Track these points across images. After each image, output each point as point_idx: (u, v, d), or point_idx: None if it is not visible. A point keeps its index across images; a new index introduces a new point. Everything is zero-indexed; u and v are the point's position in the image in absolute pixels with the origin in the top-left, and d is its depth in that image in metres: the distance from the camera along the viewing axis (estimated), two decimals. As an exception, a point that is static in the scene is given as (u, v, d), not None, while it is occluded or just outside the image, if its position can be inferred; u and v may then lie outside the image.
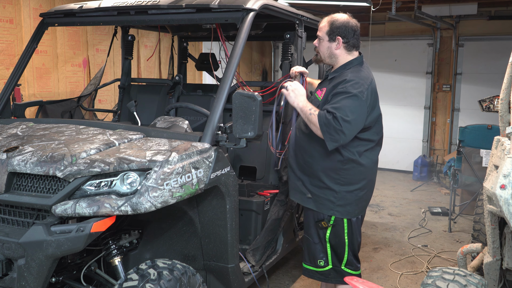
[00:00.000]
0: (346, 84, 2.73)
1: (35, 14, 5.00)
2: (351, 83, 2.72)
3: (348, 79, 2.75)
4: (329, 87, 2.84)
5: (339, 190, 2.85)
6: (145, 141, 2.61)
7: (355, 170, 2.85)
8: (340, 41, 2.85)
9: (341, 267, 2.95)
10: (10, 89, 3.39)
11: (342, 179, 2.84)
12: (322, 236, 2.93)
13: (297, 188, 3.01)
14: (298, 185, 2.99)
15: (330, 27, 2.86)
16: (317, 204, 2.90)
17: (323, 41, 2.90)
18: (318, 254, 2.96)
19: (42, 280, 2.25)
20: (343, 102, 2.67)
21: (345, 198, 2.86)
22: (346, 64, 2.88)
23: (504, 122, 2.83)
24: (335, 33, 2.85)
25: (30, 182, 2.42)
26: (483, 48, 8.26)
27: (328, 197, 2.86)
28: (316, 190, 2.90)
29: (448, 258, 4.73)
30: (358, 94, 2.69)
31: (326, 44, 2.89)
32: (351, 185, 2.86)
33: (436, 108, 8.80)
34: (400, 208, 6.53)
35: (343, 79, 2.77)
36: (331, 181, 2.85)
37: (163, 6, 3.07)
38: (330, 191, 2.85)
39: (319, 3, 6.82)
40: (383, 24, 8.90)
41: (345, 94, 2.68)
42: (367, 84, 2.77)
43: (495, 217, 2.70)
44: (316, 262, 2.98)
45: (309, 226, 3.00)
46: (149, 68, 6.84)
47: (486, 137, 5.30)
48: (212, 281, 3.00)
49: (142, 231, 2.88)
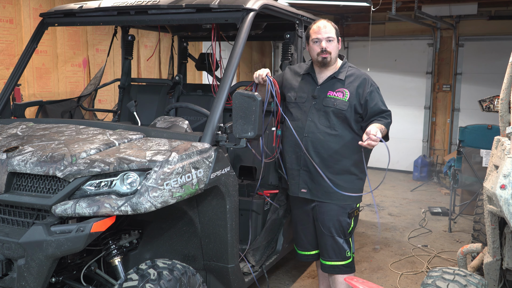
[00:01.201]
0: (369, 80, 3.08)
1: (35, 14, 5.00)
2: (370, 79, 3.10)
3: (363, 76, 3.09)
4: (350, 87, 3.05)
5: (363, 177, 3.16)
6: (145, 141, 2.61)
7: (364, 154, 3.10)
8: (340, 41, 3.15)
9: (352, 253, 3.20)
10: (10, 89, 3.39)
11: (362, 166, 3.10)
12: (347, 227, 3.11)
13: (327, 189, 3.06)
14: (328, 187, 3.03)
15: (336, 29, 3.10)
16: (352, 197, 3.08)
17: (334, 41, 3.07)
18: (345, 247, 3.13)
19: (42, 280, 2.25)
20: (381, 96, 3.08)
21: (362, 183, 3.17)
22: (344, 64, 3.15)
23: (504, 122, 2.83)
24: (338, 34, 3.11)
25: (30, 182, 2.42)
26: (483, 48, 8.26)
27: (360, 186, 3.14)
28: (349, 185, 3.08)
29: (448, 258, 4.73)
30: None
31: (336, 44, 3.09)
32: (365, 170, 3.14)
33: (436, 108, 8.80)
34: (400, 208, 6.53)
35: (361, 77, 3.08)
36: (360, 171, 3.11)
37: (163, 6, 3.07)
38: (361, 181, 3.14)
39: (319, 3, 6.82)
40: (383, 24, 8.90)
41: (379, 90, 3.09)
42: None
43: (495, 217, 2.70)
44: (344, 254, 3.13)
45: (334, 223, 3.10)
46: (149, 68, 6.84)
47: (486, 137, 5.29)
48: (212, 281, 3.00)
49: (142, 231, 2.88)
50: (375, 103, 3.01)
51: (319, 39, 3.02)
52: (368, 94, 3.01)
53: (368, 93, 3.02)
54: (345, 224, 3.09)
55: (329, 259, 3.15)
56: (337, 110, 3.00)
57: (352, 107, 3.01)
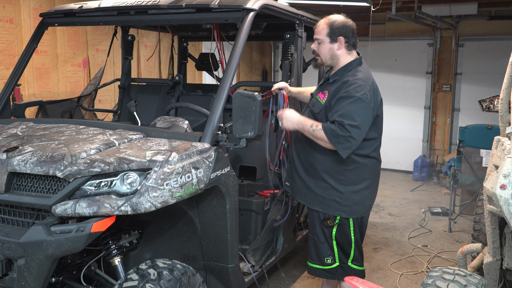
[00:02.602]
0: (349, 88, 2.73)
1: (35, 14, 5.00)
2: (353, 86, 2.72)
3: (350, 82, 2.75)
4: (331, 90, 2.84)
5: (344, 191, 2.85)
6: (145, 141, 2.61)
7: (359, 170, 2.86)
8: (342, 41, 2.85)
9: (347, 263, 2.98)
10: (10, 89, 3.39)
11: (347, 179, 2.85)
12: (328, 235, 2.94)
13: (301, 189, 3.01)
14: (302, 187, 3.00)
15: (330, 28, 2.85)
16: (323, 205, 2.90)
17: (323, 43, 2.87)
18: (325, 253, 2.97)
19: (42, 280, 2.25)
20: (348, 107, 2.67)
21: (351, 198, 2.87)
22: (346, 66, 2.88)
23: (504, 122, 2.83)
24: (336, 33, 2.84)
25: (30, 182, 2.42)
26: (483, 48, 8.26)
27: (334, 197, 2.86)
28: (321, 191, 2.90)
29: (448, 258, 4.73)
30: (362, 97, 2.69)
31: (327, 46, 2.87)
32: (356, 185, 2.87)
33: (436, 108, 8.80)
34: (400, 208, 6.53)
35: (345, 82, 2.77)
36: (336, 182, 2.85)
37: (163, 6, 3.07)
38: (335, 191, 2.86)
39: (319, 3, 6.82)
40: (383, 24, 8.90)
41: (349, 99, 2.69)
42: (369, 85, 2.77)
43: (495, 217, 2.70)
44: (323, 260, 2.99)
45: (314, 226, 3.00)
46: (149, 68, 6.84)
47: (486, 137, 5.30)
48: (212, 281, 3.00)
49: (142, 231, 2.88)
50: (335, 110, 2.71)
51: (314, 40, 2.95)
52: (336, 100, 2.74)
53: (337, 98, 2.73)
54: (323, 230, 2.95)
55: (311, 261, 3.05)
56: (312, 111, 2.92)
57: (324, 111, 2.81)
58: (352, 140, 2.67)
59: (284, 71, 3.72)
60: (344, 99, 2.70)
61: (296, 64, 3.64)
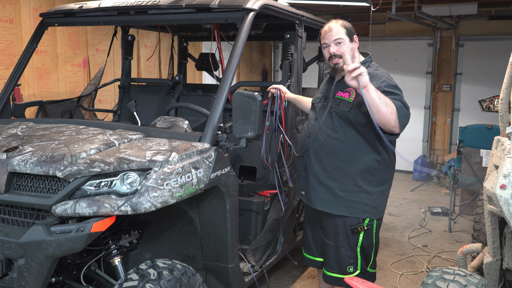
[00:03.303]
0: (382, 77, 2.76)
1: (35, 14, 5.00)
2: (385, 77, 2.78)
3: (378, 75, 2.79)
4: None
5: (373, 192, 2.83)
6: (145, 141, 2.61)
7: (387, 169, 2.87)
8: (357, 40, 2.90)
9: (367, 269, 2.95)
10: (10, 89, 3.39)
11: (376, 180, 2.83)
12: (354, 242, 2.87)
13: (323, 196, 2.88)
14: (325, 194, 2.87)
15: (345, 28, 2.84)
16: (351, 209, 2.83)
17: (344, 43, 2.81)
18: (348, 261, 2.90)
19: (42, 280, 2.25)
20: (397, 92, 2.70)
21: (378, 199, 2.86)
22: (363, 63, 2.87)
23: (504, 122, 2.83)
24: (352, 33, 2.86)
25: (30, 182, 2.42)
26: (483, 48, 8.26)
27: (363, 200, 2.82)
28: (348, 195, 2.82)
29: (448, 258, 4.73)
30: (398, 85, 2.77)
31: (348, 45, 2.84)
32: (382, 185, 2.87)
33: (436, 108, 8.80)
34: (400, 208, 6.53)
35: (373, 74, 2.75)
36: (366, 183, 2.81)
37: (163, 6, 3.07)
38: (364, 194, 2.81)
39: (319, 3, 6.81)
40: (383, 24, 8.90)
41: (393, 87, 2.71)
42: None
43: (495, 217, 2.70)
44: (345, 269, 2.91)
45: (338, 233, 2.89)
46: (149, 68, 6.84)
47: (486, 137, 5.29)
48: (212, 281, 3.00)
49: (142, 231, 2.88)
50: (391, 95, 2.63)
51: (326, 44, 2.85)
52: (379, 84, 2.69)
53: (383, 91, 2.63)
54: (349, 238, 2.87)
55: (328, 269, 2.97)
56: (339, 111, 2.80)
57: (357, 107, 2.73)
58: (407, 120, 2.69)
59: (284, 71, 3.72)
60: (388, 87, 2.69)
61: (296, 64, 3.64)
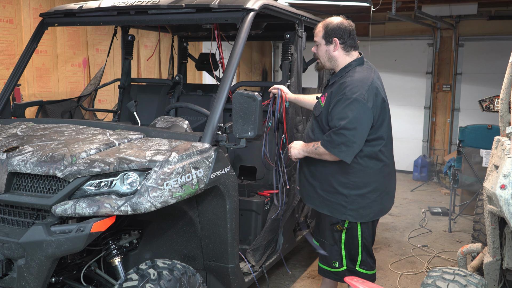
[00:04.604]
0: (345, 90, 2.72)
1: (35, 14, 5.00)
2: (349, 88, 2.72)
3: (347, 83, 2.75)
4: (329, 92, 2.85)
5: (349, 194, 2.85)
6: (145, 141, 2.61)
7: (362, 172, 2.84)
8: (337, 43, 2.88)
9: (355, 268, 2.99)
10: (10, 89, 3.39)
11: (350, 183, 2.85)
12: (337, 239, 2.98)
13: (310, 194, 3.04)
14: (310, 191, 3.03)
15: (325, 30, 2.90)
16: (330, 209, 2.92)
17: (320, 45, 2.94)
18: (333, 256, 3.01)
19: (42, 280, 2.25)
20: (345, 110, 2.67)
21: (357, 202, 2.86)
22: (345, 67, 2.89)
23: (504, 122, 2.83)
24: (331, 35, 2.88)
25: (30, 182, 2.42)
26: (483, 48, 8.26)
27: (339, 201, 2.88)
28: (327, 195, 2.92)
29: (448, 258, 4.73)
30: (358, 97, 2.68)
31: (324, 48, 2.92)
32: (360, 189, 2.85)
33: (436, 108, 8.80)
34: (400, 208, 6.53)
35: (342, 84, 2.78)
36: (340, 185, 2.87)
37: (163, 6, 3.07)
38: (340, 195, 2.87)
39: (319, 3, 6.81)
40: (383, 24, 8.90)
41: (345, 101, 2.69)
42: (367, 85, 2.74)
43: (495, 217, 2.70)
44: (330, 263, 3.03)
45: (324, 229, 3.04)
46: (149, 68, 6.84)
47: (486, 137, 5.30)
48: (212, 281, 3.00)
49: (142, 231, 2.88)
50: (332, 115, 2.73)
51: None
52: (334, 104, 2.74)
53: (335, 102, 2.74)
54: (332, 234, 2.99)
55: (320, 261, 3.13)
56: (314, 115, 2.98)
57: (324, 113, 2.83)
58: (352, 144, 2.67)
59: (284, 71, 3.72)
60: (340, 101, 2.71)
61: (296, 64, 3.64)
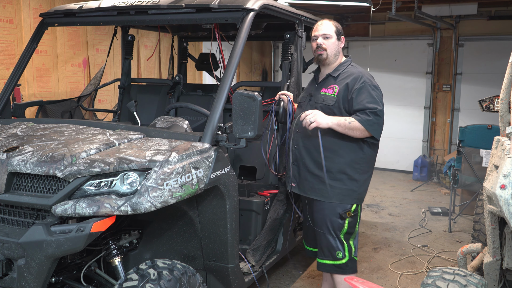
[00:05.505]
0: (363, 78, 2.99)
1: (35, 14, 5.00)
2: (366, 77, 3.01)
3: (360, 74, 3.02)
4: (342, 83, 3.03)
5: (359, 179, 3.06)
6: (145, 141, 2.61)
7: (370, 157, 3.09)
8: (343, 41, 3.18)
9: (352, 256, 3.12)
10: (10, 89, 3.39)
11: (361, 168, 3.06)
12: (339, 228, 3.07)
13: (314, 185, 3.09)
14: (315, 183, 3.08)
15: (336, 27, 3.13)
16: (340, 196, 3.04)
17: (331, 38, 3.09)
18: (337, 247, 3.09)
19: (42, 280, 2.25)
20: (372, 94, 2.94)
21: (363, 185, 3.10)
22: (343, 63, 3.16)
23: (504, 122, 2.83)
24: (340, 33, 3.15)
25: (30, 182, 2.42)
26: (483, 48, 8.25)
27: (351, 187, 3.04)
28: (338, 184, 3.03)
29: (448, 258, 4.73)
30: (377, 85, 3.02)
31: (335, 42, 3.11)
32: (366, 173, 3.10)
33: (436, 108, 8.80)
34: (400, 208, 6.53)
35: (355, 74, 3.02)
36: (354, 172, 3.04)
37: (163, 6, 3.07)
38: (353, 181, 3.04)
39: (319, 3, 6.81)
40: (383, 24, 8.89)
41: (370, 87, 2.96)
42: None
43: (495, 217, 2.70)
44: (334, 255, 3.10)
45: (325, 221, 3.09)
46: (149, 68, 6.84)
47: (486, 137, 5.29)
48: (212, 281, 3.00)
49: (142, 231, 2.88)
50: (361, 99, 2.92)
51: (316, 36, 3.11)
52: (357, 90, 2.95)
53: (357, 89, 2.95)
54: (336, 224, 3.06)
55: (321, 257, 3.17)
56: (324, 105, 3.03)
57: (339, 102, 2.99)
58: (382, 124, 2.94)
59: (284, 71, 3.72)
60: (364, 88, 2.94)
61: (296, 64, 3.65)
